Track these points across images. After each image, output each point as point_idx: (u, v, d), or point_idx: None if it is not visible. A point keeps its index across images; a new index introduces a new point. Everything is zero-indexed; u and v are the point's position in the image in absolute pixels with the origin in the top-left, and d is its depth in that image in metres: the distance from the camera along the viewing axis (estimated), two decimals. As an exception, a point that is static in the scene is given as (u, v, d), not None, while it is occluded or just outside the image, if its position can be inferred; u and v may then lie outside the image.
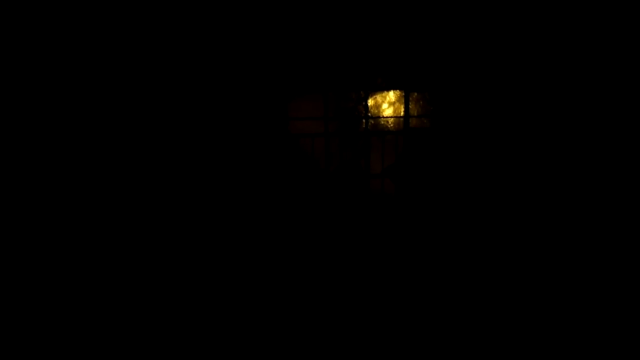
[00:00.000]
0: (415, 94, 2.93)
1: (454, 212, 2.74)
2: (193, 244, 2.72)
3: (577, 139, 2.61)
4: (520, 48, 2.65)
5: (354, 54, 2.79)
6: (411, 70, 2.82)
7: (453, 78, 2.77)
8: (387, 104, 2.94)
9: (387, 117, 2.92)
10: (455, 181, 2.75)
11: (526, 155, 2.67)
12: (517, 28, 2.62)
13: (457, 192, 2.74)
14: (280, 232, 2.78)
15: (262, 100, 2.79)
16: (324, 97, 2.88)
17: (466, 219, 2.72)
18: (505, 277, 2.62)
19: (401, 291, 2.64)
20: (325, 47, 2.77)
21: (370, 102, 2.92)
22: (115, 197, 2.64)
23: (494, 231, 2.69)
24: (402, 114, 2.90)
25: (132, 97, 2.65)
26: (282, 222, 2.78)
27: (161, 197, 2.70)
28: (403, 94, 2.90)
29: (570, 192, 2.62)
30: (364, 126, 2.89)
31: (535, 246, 2.64)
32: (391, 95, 2.94)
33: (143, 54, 2.63)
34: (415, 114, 2.91)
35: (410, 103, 2.92)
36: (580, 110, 2.60)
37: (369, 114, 2.91)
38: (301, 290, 2.66)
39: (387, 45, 2.77)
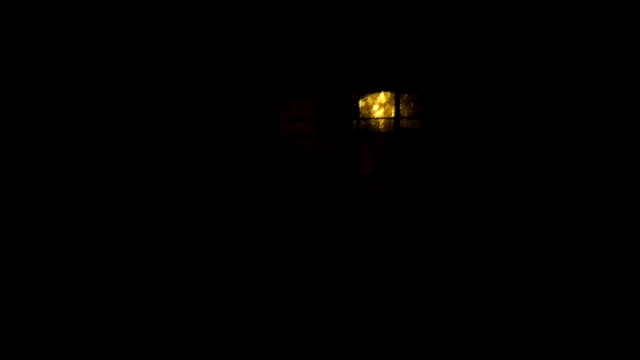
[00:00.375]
0: (406, 95, 2.94)
1: (441, 213, 2.74)
2: (183, 242, 2.69)
3: (565, 141, 2.64)
4: (509, 52, 2.68)
5: (345, 56, 2.81)
6: (402, 72, 2.84)
7: (443, 80, 2.79)
8: (378, 105, 2.95)
9: (377, 118, 2.93)
10: (443, 182, 2.76)
11: (514, 158, 2.69)
12: (505, 31, 2.66)
13: (445, 193, 2.75)
14: (272, 231, 2.76)
15: (253, 102, 2.79)
16: (315, 99, 2.89)
17: (453, 220, 2.73)
18: (492, 276, 2.63)
19: (388, 289, 2.62)
20: (316, 51, 2.78)
21: (361, 103, 2.93)
22: (107, 199, 2.61)
23: (480, 231, 2.69)
24: (392, 115, 2.91)
25: (125, 95, 2.63)
26: (273, 222, 2.77)
27: (151, 197, 2.67)
28: (394, 95, 2.92)
29: (557, 194, 2.64)
30: (354, 127, 2.89)
31: (522, 246, 2.65)
32: (382, 96, 2.95)
33: (137, 54, 2.62)
34: (406, 115, 2.93)
35: (400, 104, 2.94)
36: (567, 113, 2.63)
37: (360, 115, 2.92)
38: (291, 287, 2.63)
39: (378, 47, 2.79)
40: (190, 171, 2.72)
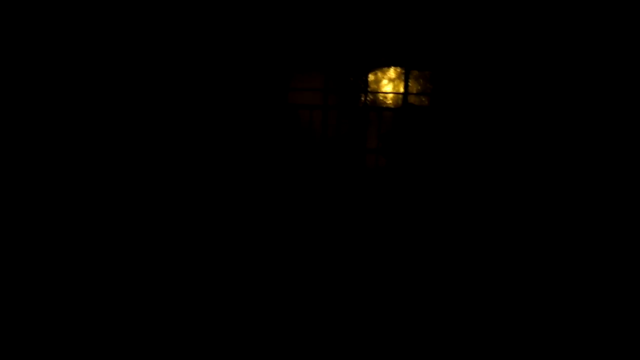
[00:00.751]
0: (416, 72, 2.93)
1: (443, 191, 2.78)
2: (193, 214, 2.74)
3: (575, 136, 2.64)
4: (524, 34, 2.65)
5: (356, 30, 2.78)
6: (413, 48, 2.82)
7: (455, 59, 2.77)
8: (387, 80, 2.94)
9: (386, 92, 2.93)
10: (446, 160, 2.78)
11: (521, 143, 2.70)
12: (520, 11, 2.62)
13: (447, 172, 2.78)
14: (273, 199, 2.80)
15: (263, 72, 2.78)
16: (325, 71, 2.88)
17: (454, 199, 2.76)
18: (494, 260, 2.69)
19: (385, 265, 2.69)
20: (328, 24, 2.75)
21: (371, 77, 2.92)
22: (114, 165, 2.64)
23: (482, 214, 2.74)
24: (401, 90, 2.91)
25: (130, 72, 2.62)
26: (276, 190, 2.81)
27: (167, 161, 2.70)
28: (403, 71, 2.90)
29: (559, 184, 2.66)
30: (362, 101, 2.89)
31: (523, 231, 2.69)
32: (391, 72, 2.94)
33: (142, 30, 2.59)
34: (415, 91, 2.92)
35: (410, 81, 2.93)
36: (584, 103, 2.63)
37: (369, 89, 2.91)
38: (290, 257, 2.70)
39: (390, 22, 2.76)
40: (197, 138, 2.74)
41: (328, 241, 2.74)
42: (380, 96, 2.93)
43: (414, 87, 2.92)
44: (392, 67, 2.94)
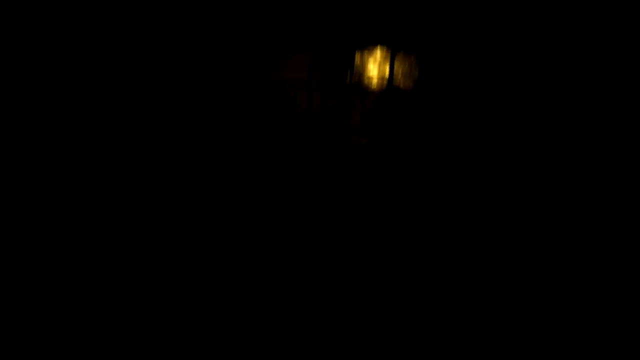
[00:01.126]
0: (402, 54, 2.96)
1: (422, 173, 2.85)
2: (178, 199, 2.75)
3: (565, 129, 2.72)
4: (516, 24, 2.69)
5: (343, 8, 2.78)
6: (400, 29, 2.84)
7: (442, 42, 2.80)
8: (373, 62, 2.96)
9: (372, 74, 2.96)
10: (427, 145, 2.85)
11: (505, 129, 2.77)
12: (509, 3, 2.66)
13: (427, 157, 2.85)
14: (258, 176, 2.83)
15: (251, 49, 2.77)
16: (311, 51, 2.89)
17: (431, 179, 2.84)
18: (473, 249, 2.78)
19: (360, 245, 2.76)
20: (315, 3, 2.74)
21: (357, 57, 2.94)
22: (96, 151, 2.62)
23: (457, 194, 2.82)
24: (387, 72, 2.94)
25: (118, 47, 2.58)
26: (261, 166, 2.84)
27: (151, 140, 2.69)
28: (390, 52, 2.93)
29: (547, 184, 2.75)
30: (348, 80, 2.92)
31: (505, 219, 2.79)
32: (378, 53, 2.96)
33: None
34: (400, 74, 2.96)
35: (396, 64, 2.96)
36: (571, 92, 2.70)
37: (355, 70, 2.94)
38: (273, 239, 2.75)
39: (378, 4, 2.77)
40: (182, 113, 2.73)
41: (309, 217, 2.80)
42: (366, 77, 2.96)
43: (399, 69, 2.96)
44: (379, 48, 2.96)
